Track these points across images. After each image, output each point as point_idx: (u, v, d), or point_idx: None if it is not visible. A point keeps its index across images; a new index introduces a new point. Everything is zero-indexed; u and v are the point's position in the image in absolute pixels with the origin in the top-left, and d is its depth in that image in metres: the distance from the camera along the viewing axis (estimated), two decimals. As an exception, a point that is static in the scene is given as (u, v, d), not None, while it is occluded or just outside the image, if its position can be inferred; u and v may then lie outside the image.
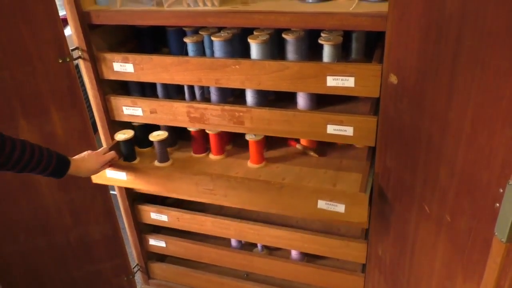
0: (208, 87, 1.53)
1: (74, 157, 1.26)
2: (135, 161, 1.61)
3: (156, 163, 1.59)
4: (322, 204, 1.27)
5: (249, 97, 1.46)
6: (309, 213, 1.33)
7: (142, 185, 1.50)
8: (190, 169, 1.55)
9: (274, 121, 1.35)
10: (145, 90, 1.65)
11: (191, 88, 1.56)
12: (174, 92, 1.63)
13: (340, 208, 1.26)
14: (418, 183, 1.14)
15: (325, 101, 1.45)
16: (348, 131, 1.29)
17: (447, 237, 1.08)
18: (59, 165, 1.18)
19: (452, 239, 1.06)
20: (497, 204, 0.84)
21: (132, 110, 1.51)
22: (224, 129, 1.46)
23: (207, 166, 1.59)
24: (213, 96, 1.52)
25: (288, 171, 1.53)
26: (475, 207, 0.95)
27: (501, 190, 0.82)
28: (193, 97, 1.58)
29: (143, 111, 1.50)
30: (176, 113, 1.46)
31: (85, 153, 1.32)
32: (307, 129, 1.33)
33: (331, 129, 1.30)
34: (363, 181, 1.29)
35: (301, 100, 1.44)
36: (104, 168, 1.41)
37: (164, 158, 1.58)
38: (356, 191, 1.27)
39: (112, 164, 1.44)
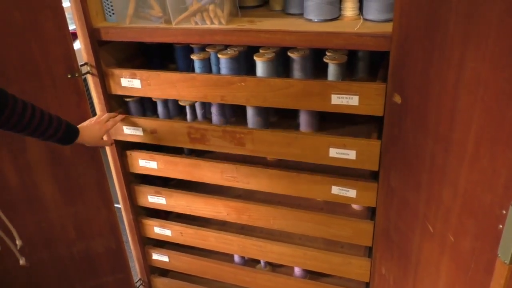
0: (210, 107, 1.53)
1: (81, 125, 1.32)
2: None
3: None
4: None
5: (250, 118, 1.46)
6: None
7: (171, 173, 1.60)
8: (216, 158, 1.58)
9: (276, 144, 1.36)
10: (146, 110, 1.65)
11: (192, 107, 1.56)
12: (176, 111, 1.63)
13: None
14: (421, 202, 1.14)
15: (327, 121, 1.47)
16: (351, 154, 1.29)
17: (450, 257, 1.07)
18: (68, 132, 1.22)
19: (456, 260, 1.06)
20: (500, 226, 0.85)
21: (133, 130, 1.53)
22: (225, 151, 1.46)
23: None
24: (214, 116, 1.53)
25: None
26: (478, 228, 0.95)
27: (504, 212, 0.83)
28: (194, 117, 1.59)
29: (143, 130, 1.52)
30: (177, 134, 1.47)
31: (88, 121, 1.37)
32: (309, 152, 1.33)
33: (333, 152, 1.31)
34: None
35: (303, 122, 1.44)
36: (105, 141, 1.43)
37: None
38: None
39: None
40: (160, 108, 1.60)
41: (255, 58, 1.38)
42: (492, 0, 0.79)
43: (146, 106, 1.64)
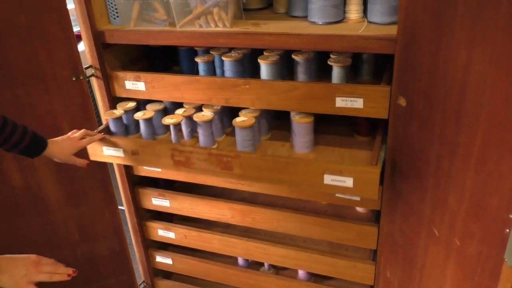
0: (197, 126, 1.42)
1: (52, 139, 1.25)
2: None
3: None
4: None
5: (239, 140, 1.37)
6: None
7: (174, 175, 1.56)
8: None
9: (266, 169, 1.25)
10: (129, 128, 1.53)
11: (177, 126, 1.43)
12: (161, 129, 1.55)
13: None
14: (427, 206, 1.14)
15: (327, 124, 1.46)
16: (348, 182, 1.17)
17: (456, 261, 1.07)
18: (35, 142, 1.17)
19: (462, 264, 1.05)
20: (507, 230, 0.84)
21: (113, 151, 1.42)
22: (211, 175, 1.36)
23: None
24: (201, 137, 1.43)
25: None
26: (484, 232, 0.95)
27: (511, 216, 0.82)
28: (182, 136, 1.49)
29: (124, 151, 1.40)
30: (159, 156, 1.36)
31: (61, 137, 1.29)
32: (302, 178, 1.22)
33: (328, 179, 1.19)
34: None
35: (297, 144, 1.41)
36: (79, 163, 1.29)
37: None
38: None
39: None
40: (142, 127, 1.48)
41: (259, 60, 1.38)
42: (498, 4, 0.78)
43: (129, 123, 1.52)
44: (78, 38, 1.41)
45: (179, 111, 1.45)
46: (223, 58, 1.42)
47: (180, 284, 1.94)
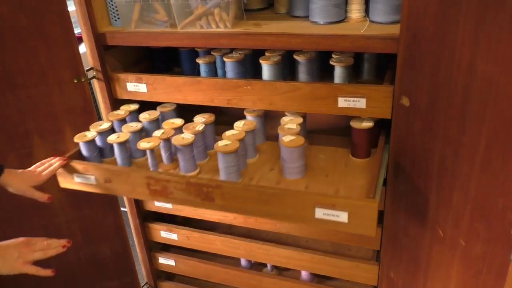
0: (176, 150, 1.31)
1: (11, 170, 1.15)
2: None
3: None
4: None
5: (222, 165, 1.26)
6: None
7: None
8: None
9: (250, 200, 1.12)
10: (104, 151, 1.42)
11: (154, 152, 1.32)
12: (139, 152, 1.41)
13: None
14: (431, 206, 1.13)
15: (318, 163, 1.37)
16: (342, 216, 1.04)
17: (461, 261, 1.06)
18: None
19: (467, 264, 1.04)
20: (513, 231, 0.83)
21: (83, 178, 1.29)
22: (190, 205, 1.27)
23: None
24: (181, 162, 1.31)
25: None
26: (490, 232, 0.94)
27: (517, 217, 0.82)
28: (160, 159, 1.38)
29: (96, 179, 1.28)
30: (134, 184, 1.24)
31: (25, 170, 1.18)
32: (291, 211, 1.09)
33: (320, 213, 1.06)
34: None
35: (287, 170, 1.29)
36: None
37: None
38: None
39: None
40: (117, 152, 1.36)
41: (261, 61, 1.37)
42: (503, 2, 0.78)
43: (104, 146, 1.41)
44: (79, 39, 1.41)
45: (157, 133, 1.33)
46: (225, 59, 1.42)
47: (183, 286, 1.93)
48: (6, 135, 1.41)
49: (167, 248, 1.89)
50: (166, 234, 1.77)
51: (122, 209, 1.74)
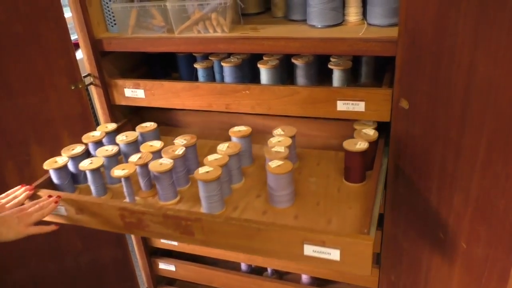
0: (153, 177, 1.22)
1: None
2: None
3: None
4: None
5: (203, 194, 1.15)
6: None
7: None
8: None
9: (233, 235, 1.02)
10: (78, 176, 1.31)
11: (129, 180, 1.21)
12: (116, 180, 1.26)
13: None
14: (431, 208, 1.13)
15: (308, 188, 1.26)
16: (333, 254, 0.93)
17: (462, 264, 1.06)
18: None
19: (468, 267, 1.04)
20: (515, 233, 0.83)
21: (55, 210, 1.16)
22: (168, 239, 1.18)
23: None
24: (160, 190, 1.21)
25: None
26: (491, 235, 0.94)
27: (519, 219, 0.81)
28: (138, 187, 1.27)
29: (66, 210, 1.17)
30: (107, 216, 1.14)
31: (9, 211, 1.06)
32: (277, 247, 0.99)
33: (309, 250, 0.95)
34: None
35: (275, 198, 1.17)
36: (39, 231, 1.09)
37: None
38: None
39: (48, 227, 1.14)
40: (90, 179, 1.25)
41: (259, 65, 1.37)
42: (503, 4, 0.78)
43: (77, 172, 1.30)
44: (76, 45, 1.40)
45: (134, 158, 1.23)
46: (223, 64, 1.41)
47: (183, 291, 1.92)
48: (3, 142, 1.40)
49: (167, 253, 1.88)
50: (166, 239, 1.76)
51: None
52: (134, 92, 1.44)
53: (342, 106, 1.24)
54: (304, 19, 1.33)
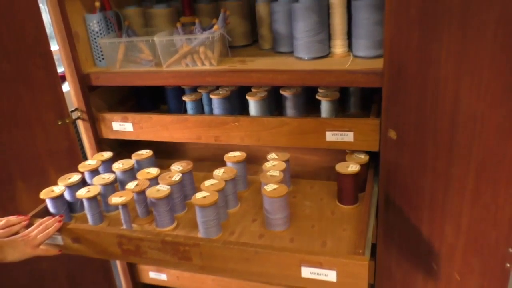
0: (151, 203, 1.23)
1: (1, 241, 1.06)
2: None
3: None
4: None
5: (200, 219, 1.16)
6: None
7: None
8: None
9: (231, 259, 1.03)
10: (74, 205, 1.32)
11: (127, 207, 1.21)
12: (113, 206, 1.25)
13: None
14: (423, 239, 1.12)
15: (303, 212, 1.28)
16: (330, 275, 0.96)
17: (457, 296, 1.05)
18: None
19: (463, 299, 1.03)
20: (508, 264, 0.82)
21: (52, 239, 1.17)
22: (166, 266, 1.18)
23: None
24: (157, 217, 1.22)
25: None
26: (484, 266, 0.93)
27: (511, 250, 0.81)
28: (135, 214, 1.28)
29: (63, 239, 1.17)
30: (105, 244, 1.14)
31: (14, 237, 1.09)
32: (275, 270, 1.00)
33: (306, 272, 0.97)
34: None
35: (271, 221, 1.19)
36: (44, 253, 1.13)
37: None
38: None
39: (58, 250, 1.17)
40: (87, 207, 1.26)
41: (247, 97, 1.37)
42: (483, 37, 0.79)
43: (73, 201, 1.31)
44: (62, 77, 1.40)
45: (131, 185, 1.24)
46: (211, 96, 1.42)
47: (174, 328, 1.86)
48: (-13, 179, 1.38)
49: None
50: (155, 274, 1.72)
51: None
52: (122, 126, 1.44)
53: (331, 136, 1.25)
54: (291, 51, 1.35)
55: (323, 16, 1.26)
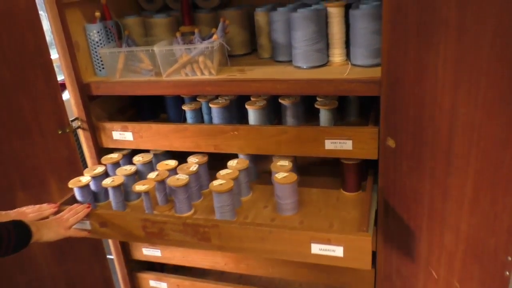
0: (171, 191, 1.36)
1: (36, 223, 1.12)
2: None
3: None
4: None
5: (217, 204, 1.27)
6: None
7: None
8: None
9: (247, 239, 1.14)
10: (98, 195, 1.44)
11: (149, 194, 1.33)
12: (134, 194, 1.44)
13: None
14: (423, 247, 1.12)
15: (310, 198, 1.39)
16: (337, 251, 1.06)
17: (457, 304, 1.05)
18: (19, 239, 1.05)
19: (463, 307, 1.03)
20: (507, 272, 0.83)
21: (78, 224, 1.24)
22: (187, 247, 1.25)
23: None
24: (177, 203, 1.33)
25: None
26: (484, 274, 0.93)
27: (510, 259, 0.81)
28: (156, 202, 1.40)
29: (91, 224, 1.27)
30: (130, 228, 1.25)
31: (48, 219, 1.18)
32: (287, 248, 1.11)
33: (316, 248, 1.08)
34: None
35: (282, 206, 1.31)
36: (75, 234, 1.22)
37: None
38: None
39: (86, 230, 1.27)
40: (111, 195, 1.39)
41: (247, 106, 1.38)
42: (479, 47, 0.80)
43: (98, 190, 1.43)
44: (62, 86, 1.40)
45: (152, 175, 1.36)
46: (211, 105, 1.42)
47: (174, 337, 1.86)
48: (-12, 189, 1.38)
49: (150, 266, 1.82)
50: (155, 283, 1.72)
51: (108, 256, 1.69)
52: (122, 135, 1.44)
53: (330, 145, 1.25)
54: (289, 60, 1.36)
55: (321, 25, 1.27)
